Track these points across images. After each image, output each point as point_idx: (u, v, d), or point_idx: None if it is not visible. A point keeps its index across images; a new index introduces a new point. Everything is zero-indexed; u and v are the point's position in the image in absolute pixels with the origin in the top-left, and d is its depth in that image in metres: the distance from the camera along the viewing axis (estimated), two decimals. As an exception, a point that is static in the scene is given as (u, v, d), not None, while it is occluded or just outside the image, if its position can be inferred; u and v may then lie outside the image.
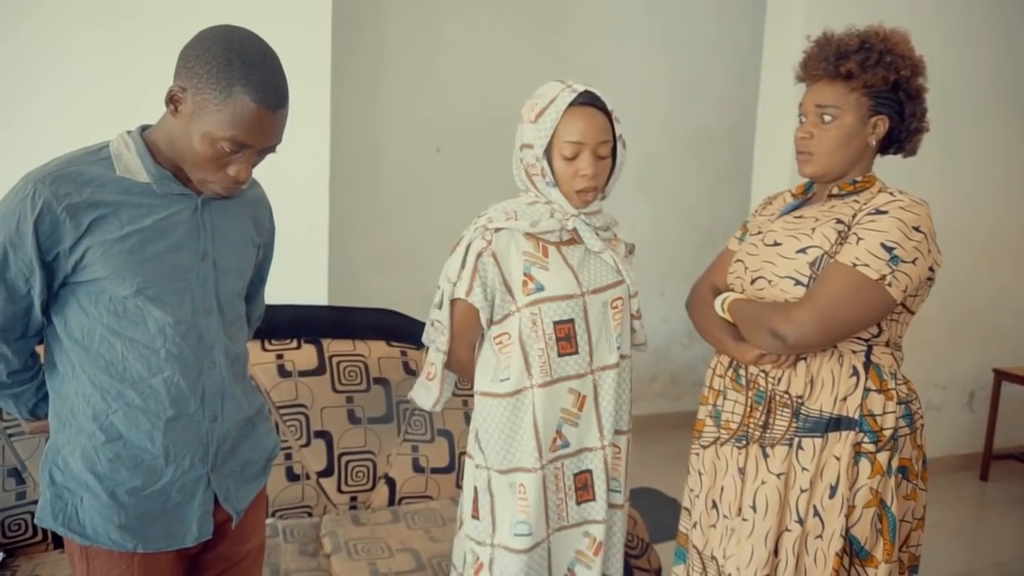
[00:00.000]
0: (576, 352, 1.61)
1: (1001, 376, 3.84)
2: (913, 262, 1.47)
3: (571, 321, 1.60)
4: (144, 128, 1.34)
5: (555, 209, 1.62)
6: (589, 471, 1.65)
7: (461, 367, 1.70)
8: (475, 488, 1.67)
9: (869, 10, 3.04)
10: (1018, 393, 3.94)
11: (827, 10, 3.18)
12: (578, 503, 1.66)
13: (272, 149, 1.30)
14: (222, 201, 1.37)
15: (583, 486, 1.66)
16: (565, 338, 1.60)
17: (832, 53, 1.57)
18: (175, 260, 1.31)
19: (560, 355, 1.60)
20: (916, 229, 1.47)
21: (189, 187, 1.33)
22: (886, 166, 1.73)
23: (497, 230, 1.60)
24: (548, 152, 1.59)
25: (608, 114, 1.60)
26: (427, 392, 1.71)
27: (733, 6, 4.34)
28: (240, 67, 1.19)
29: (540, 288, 1.59)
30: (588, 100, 1.58)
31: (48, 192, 1.21)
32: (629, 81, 4.19)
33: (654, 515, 2.81)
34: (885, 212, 1.49)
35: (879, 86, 1.54)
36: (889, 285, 1.45)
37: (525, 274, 1.59)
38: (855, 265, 1.46)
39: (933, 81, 1.64)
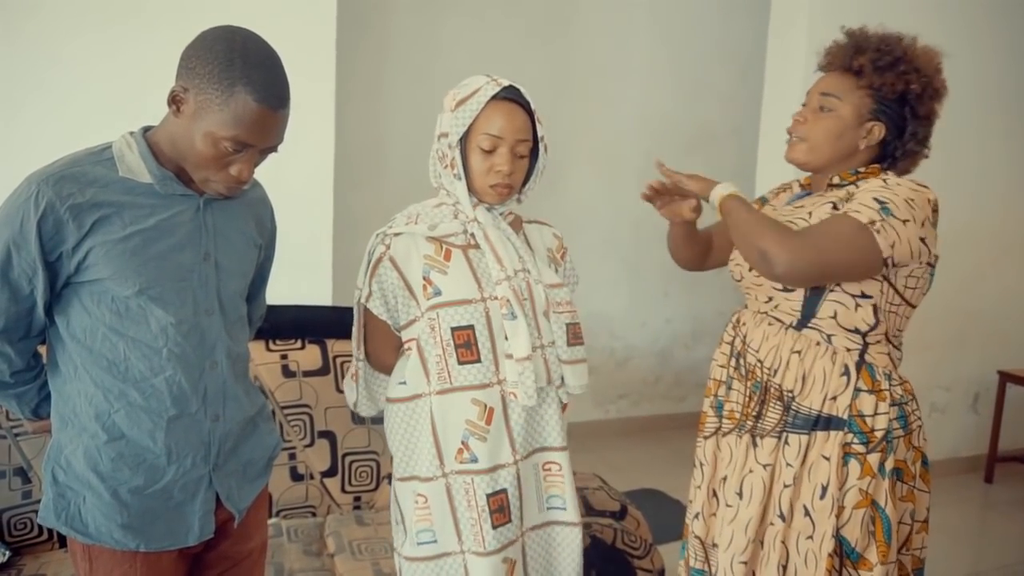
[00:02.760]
0: (478, 360, 1.53)
1: (1006, 378, 3.82)
2: (904, 222, 1.45)
3: (470, 327, 1.52)
4: (146, 129, 1.34)
5: (459, 210, 1.56)
6: (504, 491, 1.55)
7: (385, 369, 1.66)
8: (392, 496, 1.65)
9: (873, 9, 3.03)
10: (1023, 395, 3.92)
11: (831, 9, 3.17)
12: (494, 527, 1.53)
13: (274, 149, 1.31)
14: (224, 201, 1.38)
15: (498, 508, 1.54)
16: (464, 345, 1.52)
17: (851, 46, 1.57)
18: (177, 260, 1.31)
19: (460, 363, 1.52)
20: (911, 200, 1.47)
21: (191, 187, 1.33)
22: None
23: (397, 235, 1.56)
24: (464, 144, 1.53)
25: (531, 113, 1.54)
26: (350, 391, 1.70)
27: (737, 5, 4.33)
28: (242, 67, 1.20)
29: (438, 292, 1.53)
30: (512, 96, 1.52)
31: (52, 192, 1.22)
32: (632, 79, 4.18)
33: (657, 516, 2.81)
34: (883, 183, 1.51)
35: (886, 92, 1.53)
36: (877, 232, 1.43)
37: (424, 278, 1.54)
38: (847, 212, 1.47)
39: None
